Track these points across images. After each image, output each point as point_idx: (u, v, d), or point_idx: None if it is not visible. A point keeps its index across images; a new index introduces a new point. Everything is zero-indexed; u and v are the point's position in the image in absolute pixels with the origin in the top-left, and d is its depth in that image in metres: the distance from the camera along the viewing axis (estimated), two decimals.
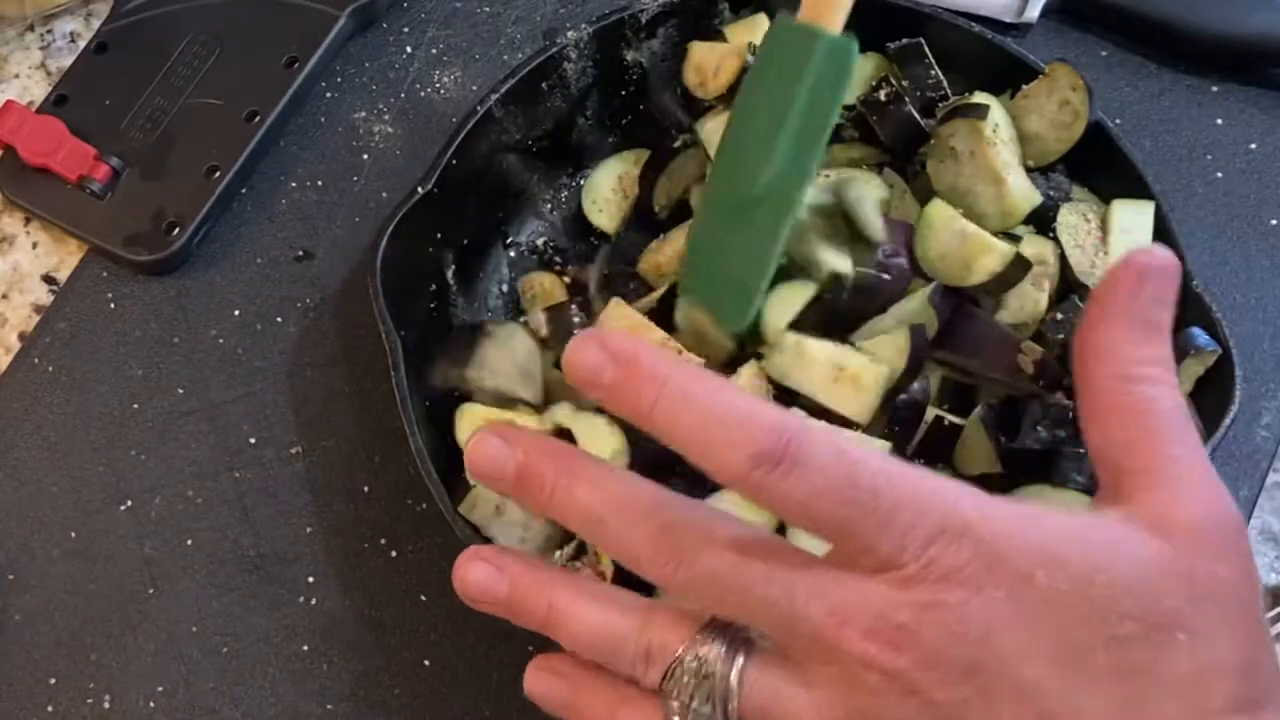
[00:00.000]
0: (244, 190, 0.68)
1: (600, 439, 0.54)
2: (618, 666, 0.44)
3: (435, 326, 0.60)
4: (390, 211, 0.58)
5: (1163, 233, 0.57)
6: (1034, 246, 0.57)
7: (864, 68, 0.62)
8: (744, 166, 0.54)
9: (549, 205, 0.66)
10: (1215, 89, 0.67)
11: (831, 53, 0.52)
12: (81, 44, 0.72)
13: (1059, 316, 0.56)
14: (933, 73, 0.61)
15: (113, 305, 0.66)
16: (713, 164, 0.58)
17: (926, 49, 0.61)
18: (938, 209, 0.57)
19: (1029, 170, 0.59)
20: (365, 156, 0.68)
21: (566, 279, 0.63)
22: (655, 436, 0.42)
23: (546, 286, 0.62)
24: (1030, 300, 0.56)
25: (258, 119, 0.67)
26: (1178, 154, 0.66)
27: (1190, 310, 0.56)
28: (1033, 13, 0.67)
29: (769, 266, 0.54)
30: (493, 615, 0.46)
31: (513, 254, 0.65)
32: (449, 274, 0.61)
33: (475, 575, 0.46)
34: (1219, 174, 0.65)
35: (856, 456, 0.40)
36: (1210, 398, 0.54)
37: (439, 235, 0.61)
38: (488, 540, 0.55)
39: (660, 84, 0.64)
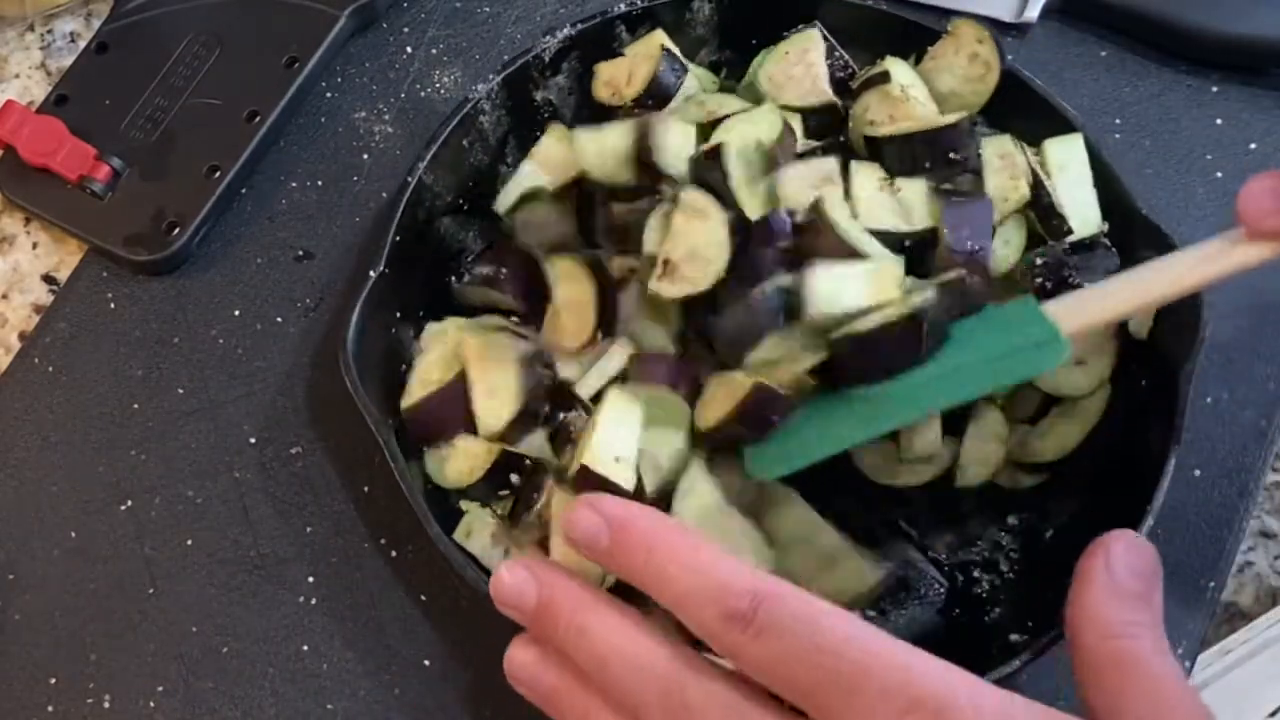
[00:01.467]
0: (244, 190, 0.68)
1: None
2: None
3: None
4: (350, 300, 0.57)
5: (1095, 161, 0.58)
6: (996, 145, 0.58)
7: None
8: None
9: None
10: (1215, 89, 0.67)
11: (1047, 342, 0.51)
12: (81, 44, 0.72)
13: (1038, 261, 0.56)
14: (836, 53, 0.61)
15: (113, 305, 0.66)
16: None
17: (824, 31, 0.61)
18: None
19: None
20: (365, 156, 0.68)
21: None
22: (646, 592, 0.45)
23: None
24: (1011, 189, 0.57)
25: (258, 119, 0.67)
26: (1178, 154, 0.66)
27: (1145, 238, 0.56)
28: (1033, 13, 0.67)
29: (824, 453, 0.53)
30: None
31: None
32: (414, 349, 0.61)
33: (511, 579, 0.48)
34: (1219, 174, 0.65)
35: (826, 623, 0.41)
36: (1179, 319, 0.54)
37: (398, 314, 0.60)
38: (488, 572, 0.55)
39: (570, 116, 0.65)
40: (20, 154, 0.66)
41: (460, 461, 0.57)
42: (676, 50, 0.62)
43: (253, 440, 0.63)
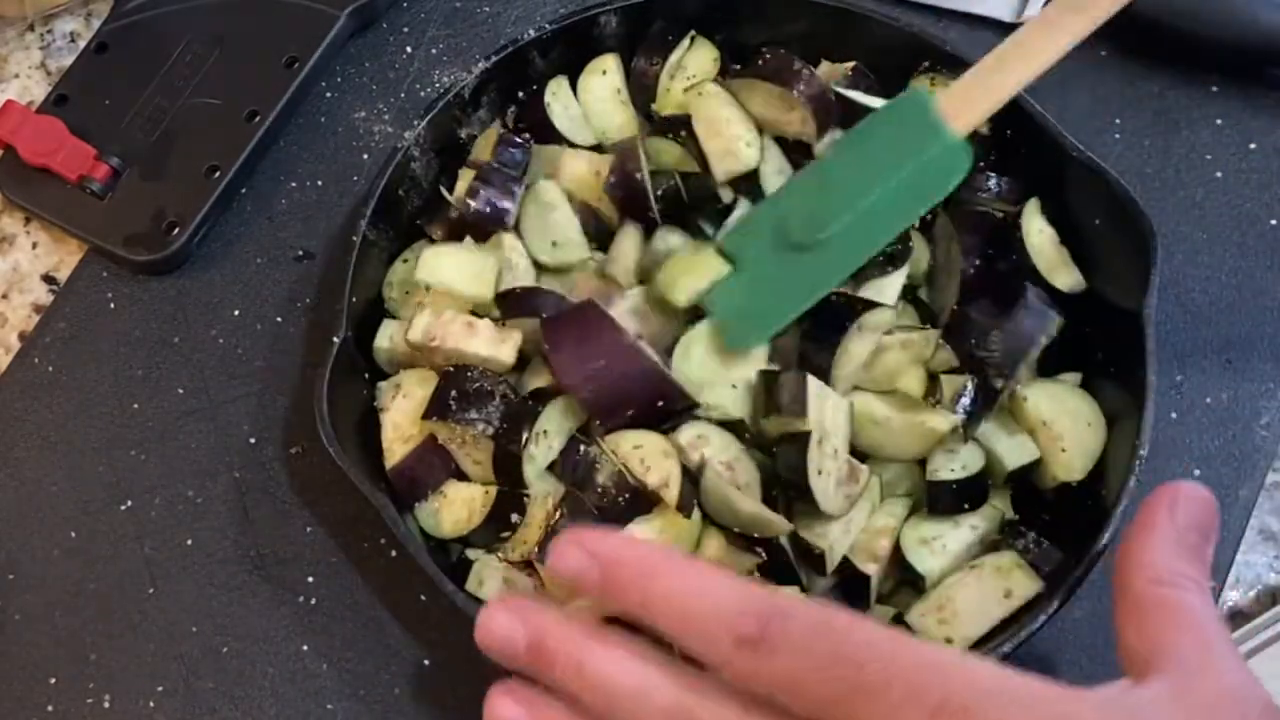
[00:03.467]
0: (244, 190, 0.68)
1: None
2: None
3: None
4: (318, 371, 0.57)
5: (1014, 104, 0.57)
6: None
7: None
8: (817, 211, 0.55)
9: None
10: (1215, 89, 0.67)
11: (951, 155, 0.53)
12: (81, 44, 0.72)
13: None
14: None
15: (113, 305, 0.66)
16: (777, 196, 0.59)
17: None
18: None
19: None
20: (365, 156, 0.68)
21: None
22: (648, 625, 0.43)
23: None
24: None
25: (258, 119, 0.67)
26: (1178, 154, 0.66)
27: (1079, 179, 0.57)
28: (1032, 13, 0.67)
29: (798, 309, 0.56)
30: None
31: None
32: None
33: (497, 626, 0.45)
34: (1219, 174, 0.65)
35: (841, 629, 0.40)
36: (1130, 258, 0.55)
37: (366, 375, 0.60)
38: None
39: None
40: (20, 154, 0.66)
41: (457, 510, 0.57)
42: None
43: (253, 440, 0.63)
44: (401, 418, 0.58)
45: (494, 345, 0.56)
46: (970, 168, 0.54)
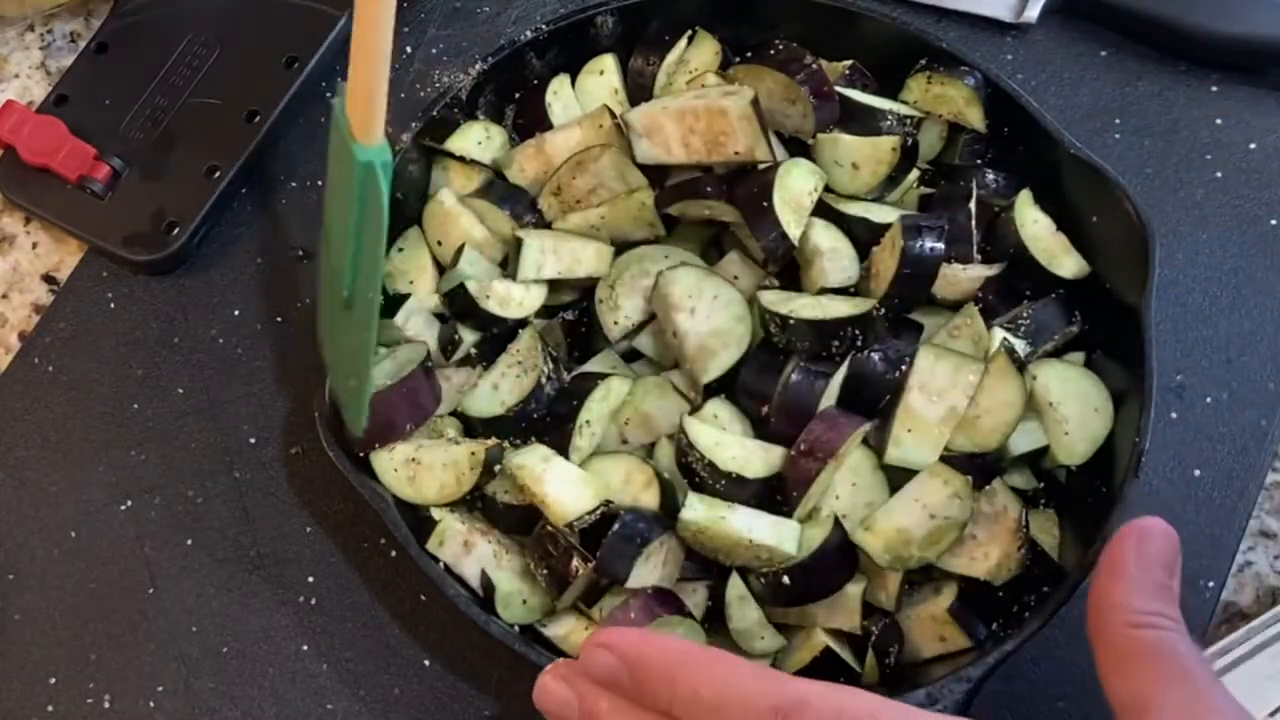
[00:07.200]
0: (244, 190, 0.68)
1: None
2: None
3: None
4: (318, 385, 0.57)
5: (1012, 104, 0.57)
6: None
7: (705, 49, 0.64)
8: (334, 268, 0.54)
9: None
10: (1215, 89, 0.67)
11: (365, 173, 0.51)
12: (81, 44, 0.72)
13: None
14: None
15: (113, 305, 0.66)
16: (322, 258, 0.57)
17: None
18: None
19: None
20: None
21: None
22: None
23: None
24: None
25: (258, 119, 0.67)
26: (1178, 154, 0.66)
27: (1078, 178, 0.57)
28: (1032, 13, 0.67)
29: (367, 369, 0.54)
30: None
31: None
32: None
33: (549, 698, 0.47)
34: (1219, 174, 0.65)
35: (857, 715, 0.41)
36: (1127, 253, 0.56)
37: None
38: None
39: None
40: (20, 154, 0.66)
41: (440, 475, 0.57)
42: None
43: (253, 440, 0.63)
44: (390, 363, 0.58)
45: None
46: (386, 171, 0.51)
